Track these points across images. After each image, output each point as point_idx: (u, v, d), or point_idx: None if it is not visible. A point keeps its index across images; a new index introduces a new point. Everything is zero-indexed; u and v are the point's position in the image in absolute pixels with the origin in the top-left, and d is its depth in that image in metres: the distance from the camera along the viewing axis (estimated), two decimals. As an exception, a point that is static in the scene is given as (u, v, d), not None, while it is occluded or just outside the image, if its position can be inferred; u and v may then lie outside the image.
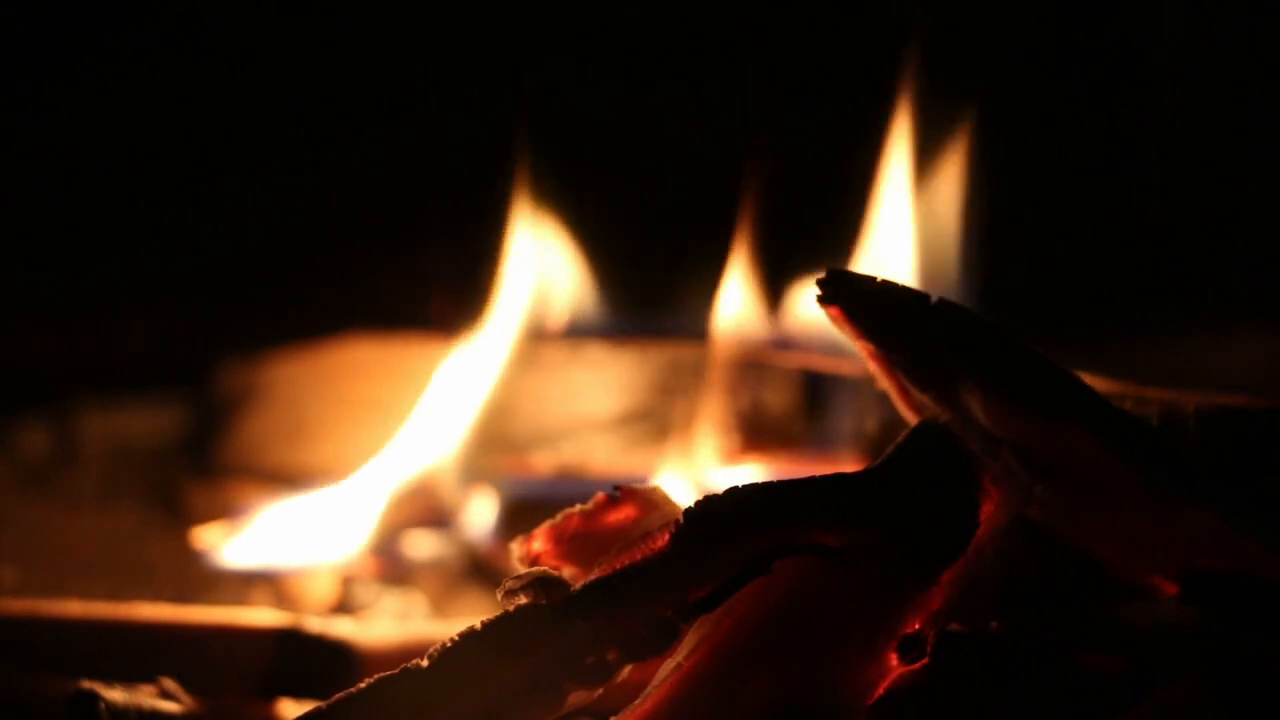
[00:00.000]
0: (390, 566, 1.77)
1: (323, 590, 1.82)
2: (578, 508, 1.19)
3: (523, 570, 1.13)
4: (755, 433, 1.60)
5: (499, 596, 1.13)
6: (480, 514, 1.76)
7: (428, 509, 1.72)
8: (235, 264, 2.52)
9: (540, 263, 1.70)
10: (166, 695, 1.31)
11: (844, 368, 1.55)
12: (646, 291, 1.67)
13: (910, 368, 1.19)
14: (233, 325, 2.42)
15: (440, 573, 1.82)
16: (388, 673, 1.11)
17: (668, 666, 1.14)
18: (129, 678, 1.31)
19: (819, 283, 1.18)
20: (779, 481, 1.14)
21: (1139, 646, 1.17)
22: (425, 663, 1.09)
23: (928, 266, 1.56)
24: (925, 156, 1.62)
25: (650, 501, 1.17)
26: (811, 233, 1.60)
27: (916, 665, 1.15)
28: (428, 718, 1.10)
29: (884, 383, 1.22)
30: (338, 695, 1.11)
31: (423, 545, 1.79)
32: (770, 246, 1.64)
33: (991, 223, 1.69)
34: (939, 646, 1.14)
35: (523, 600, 1.11)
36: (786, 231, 1.63)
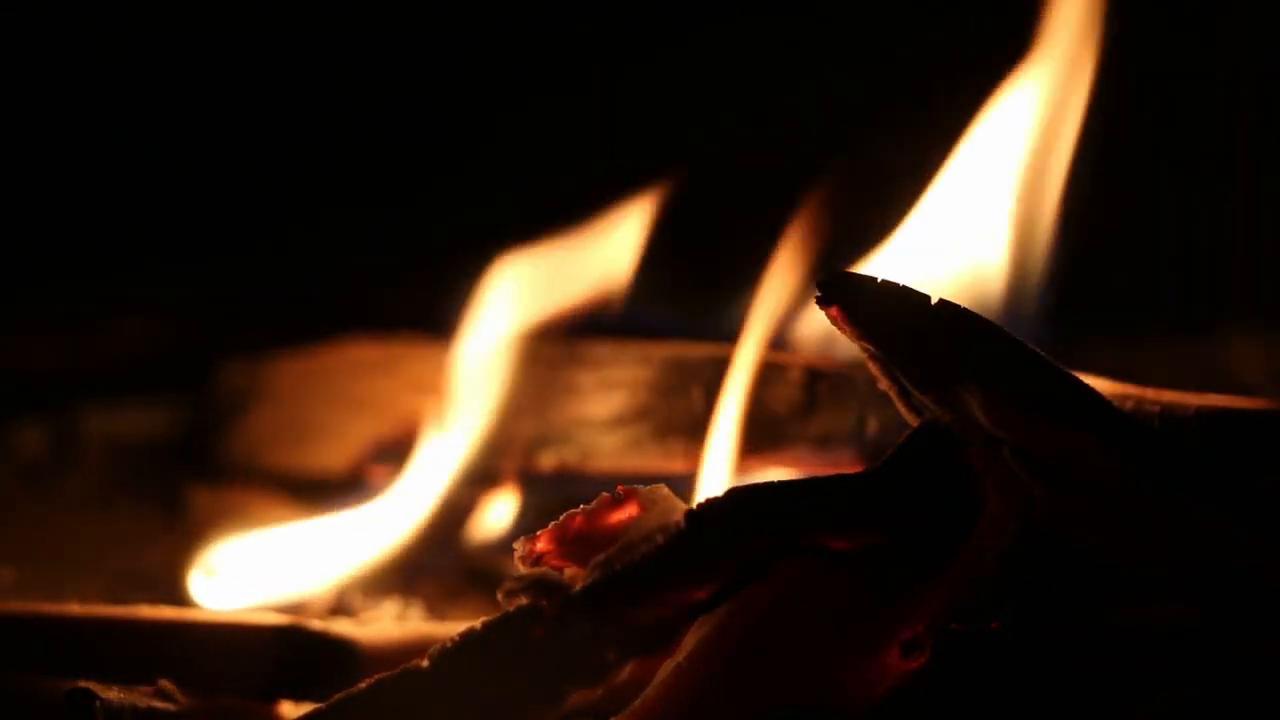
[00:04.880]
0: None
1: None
2: (580, 508, 1.19)
3: (524, 571, 1.14)
4: (756, 433, 1.60)
5: (499, 597, 1.13)
6: (492, 519, 1.76)
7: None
8: (235, 264, 2.52)
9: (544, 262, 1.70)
10: (164, 695, 1.31)
11: (843, 368, 1.55)
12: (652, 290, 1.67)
13: (910, 369, 1.19)
14: (233, 325, 2.42)
15: (439, 578, 1.81)
16: (388, 673, 1.11)
17: (668, 666, 1.14)
18: (129, 678, 1.31)
19: (819, 284, 1.18)
20: (779, 483, 1.14)
21: (1139, 646, 1.17)
22: (425, 663, 1.10)
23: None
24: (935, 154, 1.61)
25: (652, 502, 1.17)
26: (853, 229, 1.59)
27: (916, 665, 1.15)
28: (428, 718, 1.10)
29: (884, 383, 1.22)
30: (338, 695, 1.11)
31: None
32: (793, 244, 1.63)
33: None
34: (939, 646, 1.15)
35: (523, 601, 1.11)
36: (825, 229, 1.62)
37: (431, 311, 1.81)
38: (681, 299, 1.69)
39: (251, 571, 1.61)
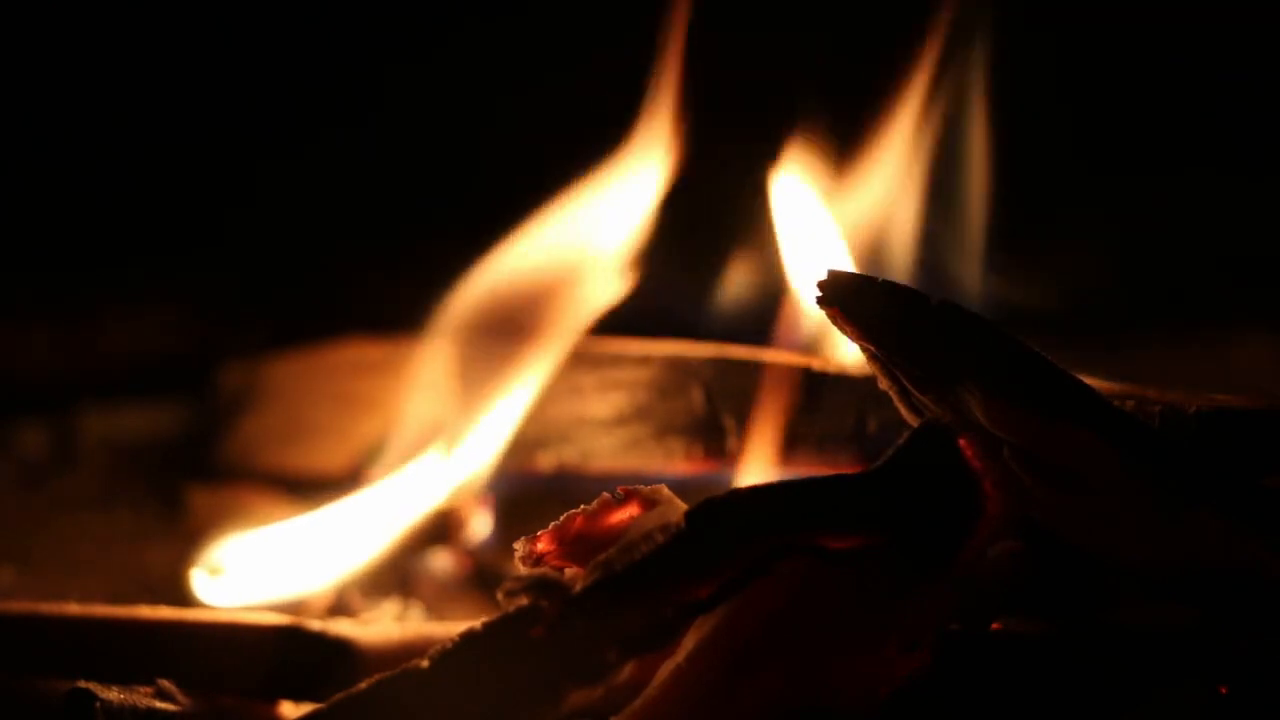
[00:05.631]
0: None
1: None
2: (581, 508, 1.19)
3: (524, 571, 1.14)
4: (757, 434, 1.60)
5: (499, 597, 1.13)
6: (482, 520, 1.76)
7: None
8: (235, 264, 2.52)
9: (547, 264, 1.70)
10: (164, 695, 1.31)
11: (844, 368, 1.55)
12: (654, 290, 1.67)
13: (910, 368, 1.19)
14: (232, 325, 2.42)
15: (439, 579, 1.81)
16: (388, 673, 1.11)
17: (668, 666, 1.15)
18: (129, 678, 1.31)
19: (819, 284, 1.18)
20: (780, 483, 1.14)
21: (1139, 646, 1.17)
22: (425, 663, 1.10)
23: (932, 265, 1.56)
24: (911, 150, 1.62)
25: (652, 502, 1.17)
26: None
27: (916, 665, 1.15)
28: (428, 718, 1.10)
29: (884, 383, 1.22)
30: (338, 695, 1.11)
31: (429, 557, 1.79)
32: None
33: (992, 219, 1.69)
34: (939, 646, 1.15)
35: (523, 601, 1.11)
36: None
37: (431, 312, 1.81)
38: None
39: (251, 571, 1.61)
